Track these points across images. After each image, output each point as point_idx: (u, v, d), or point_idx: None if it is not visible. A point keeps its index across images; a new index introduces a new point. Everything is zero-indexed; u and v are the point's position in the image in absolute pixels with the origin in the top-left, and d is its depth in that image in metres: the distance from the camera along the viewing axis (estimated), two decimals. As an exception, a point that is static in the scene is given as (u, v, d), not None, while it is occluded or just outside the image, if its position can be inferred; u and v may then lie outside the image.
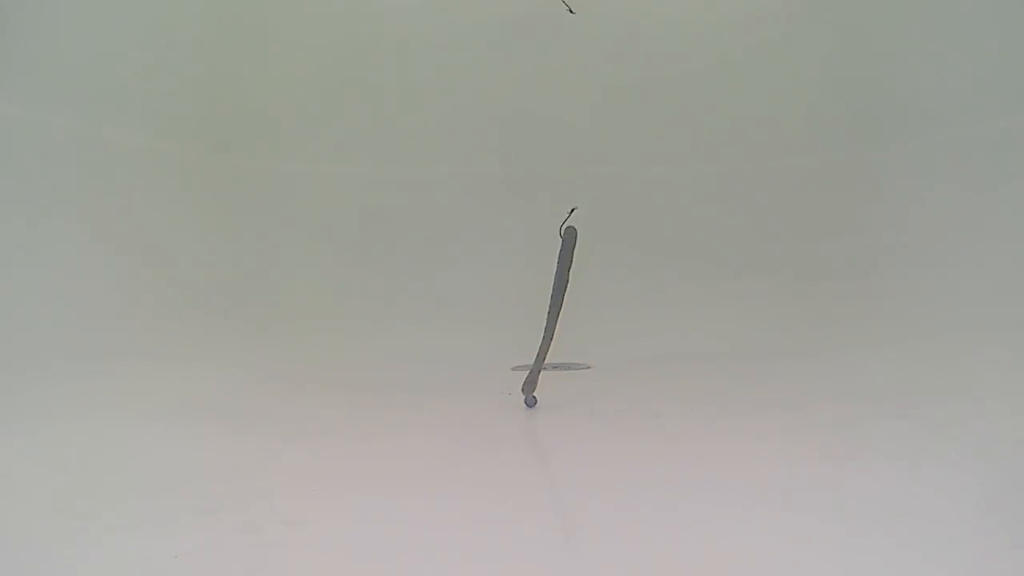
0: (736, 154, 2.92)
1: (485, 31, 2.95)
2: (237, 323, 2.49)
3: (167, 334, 2.24)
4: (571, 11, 1.69)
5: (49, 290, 1.98)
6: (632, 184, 2.97)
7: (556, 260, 1.81)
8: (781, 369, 2.24)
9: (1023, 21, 2.28)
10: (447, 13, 2.95)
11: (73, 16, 2.22)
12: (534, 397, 1.86)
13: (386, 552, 1.04)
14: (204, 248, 2.56)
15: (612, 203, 2.97)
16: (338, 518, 1.17)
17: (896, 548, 1.00)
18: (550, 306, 1.81)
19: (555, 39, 2.95)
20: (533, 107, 2.97)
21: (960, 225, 2.33)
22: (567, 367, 2.44)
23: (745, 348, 2.47)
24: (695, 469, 1.37)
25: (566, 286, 1.80)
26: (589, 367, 2.42)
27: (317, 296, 2.72)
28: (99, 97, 2.28)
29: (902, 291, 2.41)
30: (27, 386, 1.72)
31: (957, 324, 2.14)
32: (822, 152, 2.81)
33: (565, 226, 1.78)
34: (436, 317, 2.71)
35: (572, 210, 1.76)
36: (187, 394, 1.94)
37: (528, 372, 1.82)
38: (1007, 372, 1.80)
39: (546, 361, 2.48)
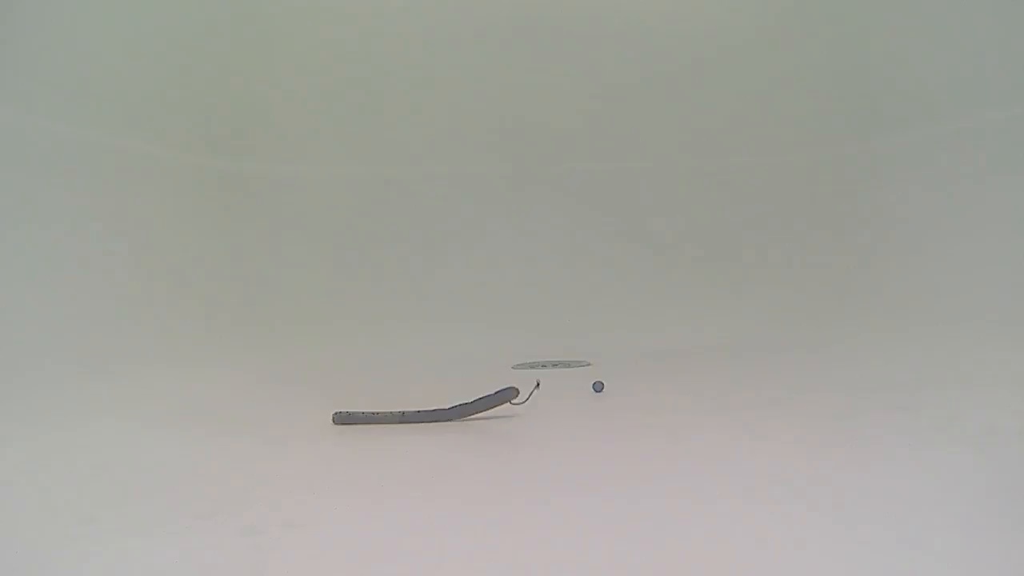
0: (733, 148, 2.92)
1: (484, 31, 2.95)
2: (237, 326, 2.49)
3: (167, 337, 2.24)
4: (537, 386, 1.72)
5: (49, 294, 1.98)
6: (630, 180, 2.97)
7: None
8: (781, 362, 2.24)
9: (1020, 13, 2.28)
10: (445, 14, 2.95)
11: (73, 19, 2.21)
12: (601, 383, 1.93)
13: (386, 554, 1.04)
14: (205, 251, 2.56)
15: (611, 199, 2.97)
16: (338, 520, 1.17)
17: (897, 539, 1.00)
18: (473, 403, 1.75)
19: (555, 37, 2.95)
20: (533, 106, 2.98)
21: (959, 216, 2.33)
22: (567, 364, 2.44)
23: (744, 341, 2.48)
24: (696, 463, 1.37)
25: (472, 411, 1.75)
26: (589, 364, 2.42)
27: (317, 298, 2.72)
28: (101, 101, 2.28)
29: (902, 283, 2.41)
30: (27, 389, 1.72)
31: (957, 315, 2.14)
32: (820, 144, 2.81)
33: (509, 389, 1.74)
34: (436, 317, 2.71)
35: (536, 385, 1.74)
36: (187, 397, 1.94)
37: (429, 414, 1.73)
38: (1007, 362, 1.80)
39: (546, 359, 2.49)
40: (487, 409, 1.74)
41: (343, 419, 1.73)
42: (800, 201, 2.81)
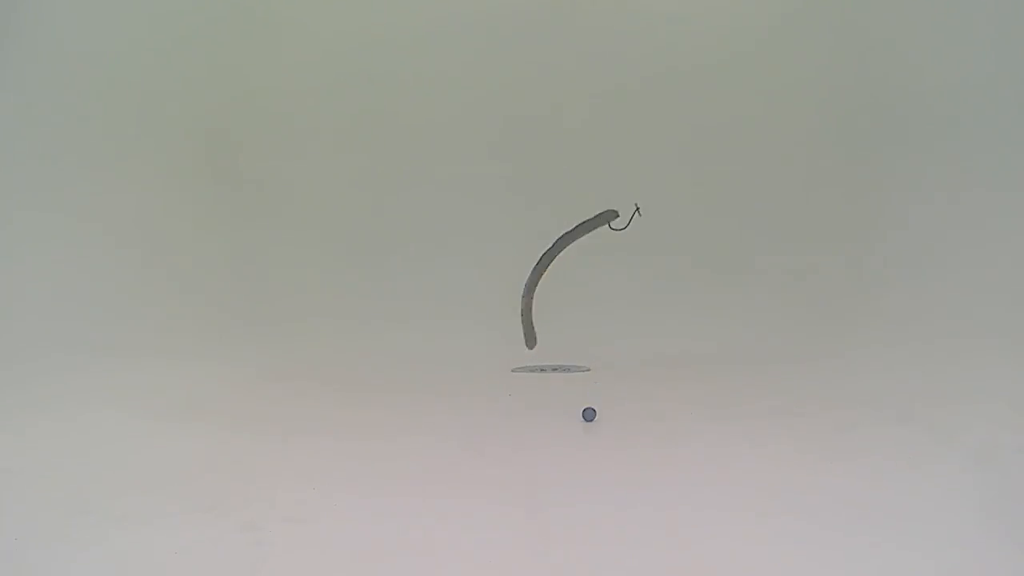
0: (735, 156, 2.91)
1: (487, 31, 2.94)
2: (238, 320, 2.48)
3: (168, 330, 2.24)
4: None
5: (51, 286, 1.98)
6: (631, 185, 2.96)
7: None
8: (781, 372, 2.24)
9: (1024, 25, 2.29)
10: (448, 13, 2.95)
11: (74, 14, 2.21)
12: (592, 411, 1.79)
13: (386, 552, 1.04)
14: (206, 245, 2.56)
15: (612, 204, 2.96)
16: (338, 517, 1.17)
17: (895, 553, 1.00)
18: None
19: (559, 38, 2.95)
20: (535, 106, 2.97)
21: (960, 229, 2.33)
22: (566, 369, 2.44)
23: (744, 351, 2.47)
24: (694, 472, 1.37)
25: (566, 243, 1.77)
26: (588, 369, 2.42)
27: (318, 295, 2.71)
28: (102, 94, 2.28)
29: (902, 295, 2.41)
30: (28, 381, 1.72)
31: (957, 328, 2.14)
32: (821, 155, 2.80)
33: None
34: (437, 317, 2.71)
35: (636, 208, 1.76)
36: (188, 390, 1.93)
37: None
38: (1007, 376, 1.80)
39: (545, 363, 2.49)
40: (588, 232, 1.76)
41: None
42: (802, 210, 2.79)
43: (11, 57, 2.04)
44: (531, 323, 1.76)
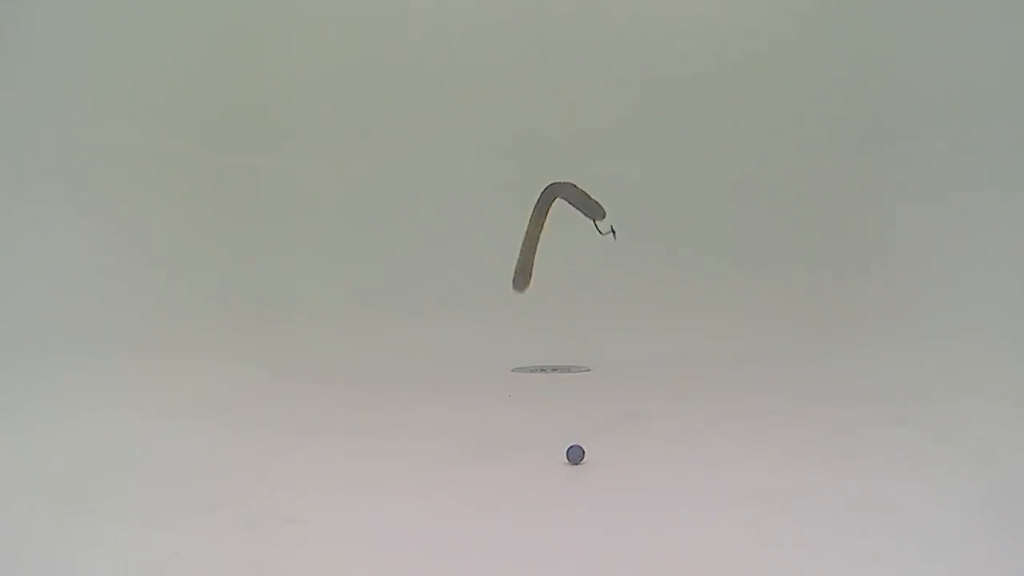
0: (736, 157, 2.92)
1: (497, 30, 2.95)
2: (238, 320, 2.49)
3: (168, 330, 2.24)
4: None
5: (50, 285, 1.98)
6: (632, 186, 2.97)
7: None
8: (780, 372, 2.24)
9: (1022, 28, 2.29)
10: (452, 14, 2.95)
11: (76, 15, 2.21)
12: (580, 449, 1.47)
13: (385, 551, 1.04)
14: (207, 245, 2.56)
15: (612, 204, 2.97)
16: (338, 517, 1.17)
17: (894, 553, 1.00)
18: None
19: (563, 40, 2.95)
20: (538, 107, 2.97)
21: (960, 228, 2.33)
22: (567, 369, 2.44)
23: (743, 351, 2.48)
24: (693, 472, 1.38)
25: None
26: (588, 370, 2.42)
27: (318, 295, 2.72)
28: (102, 94, 2.28)
29: (901, 294, 2.41)
30: (27, 381, 1.72)
31: (956, 328, 2.14)
32: (820, 155, 2.81)
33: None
34: (437, 317, 2.71)
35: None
36: (187, 390, 1.94)
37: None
38: (1006, 376, 1.80)
39: (546, 363, 2.49)
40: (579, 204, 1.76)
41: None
42: (802, 211, 2.81)
43: (10, 57, 2.04)
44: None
